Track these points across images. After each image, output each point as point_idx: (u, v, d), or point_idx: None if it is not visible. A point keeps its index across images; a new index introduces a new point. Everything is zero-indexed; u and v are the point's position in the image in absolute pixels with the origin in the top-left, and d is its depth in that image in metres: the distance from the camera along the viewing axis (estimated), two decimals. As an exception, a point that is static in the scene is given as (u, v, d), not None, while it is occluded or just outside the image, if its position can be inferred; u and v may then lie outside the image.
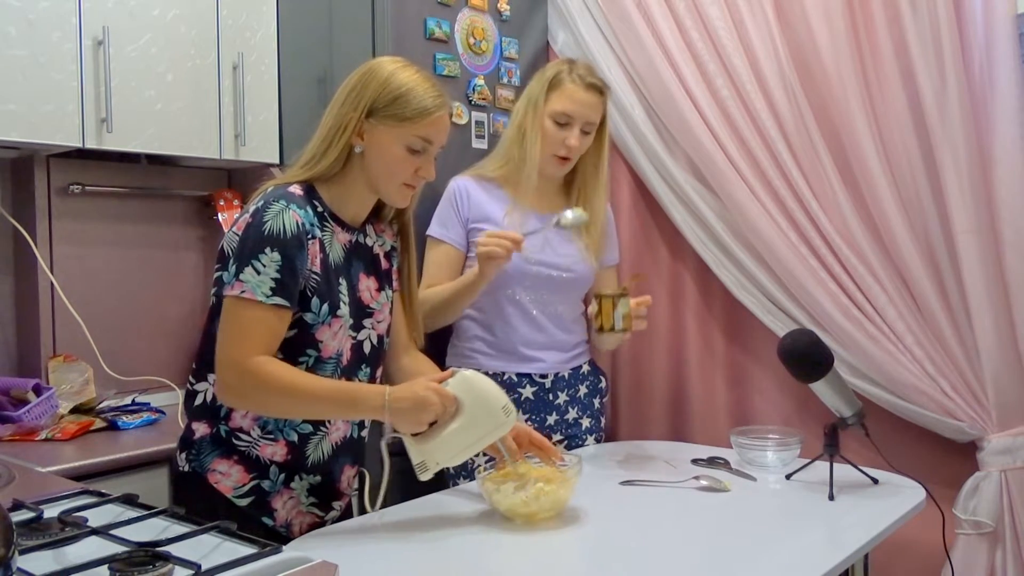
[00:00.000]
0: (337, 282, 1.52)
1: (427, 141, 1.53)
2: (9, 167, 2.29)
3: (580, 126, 2.01)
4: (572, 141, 2.00)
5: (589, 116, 2.01)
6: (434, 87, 1.54)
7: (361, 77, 1.54)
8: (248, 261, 1.42)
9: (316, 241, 1.48)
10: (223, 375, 1.43)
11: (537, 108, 2.01)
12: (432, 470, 1.51)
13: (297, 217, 1.44)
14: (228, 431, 1.52)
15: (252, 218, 1.45)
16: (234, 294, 1.42)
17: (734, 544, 1.46)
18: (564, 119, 1.99)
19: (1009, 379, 2.08)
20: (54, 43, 2.02)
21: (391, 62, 1.56)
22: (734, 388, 2.50)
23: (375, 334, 1.61)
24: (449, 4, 2.42)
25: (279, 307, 1.42)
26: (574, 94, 1.99)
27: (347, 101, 1.53)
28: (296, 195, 1.49)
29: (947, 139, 2.06)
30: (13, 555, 0.88)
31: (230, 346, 1.42)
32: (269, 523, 1.54)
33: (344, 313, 1.52)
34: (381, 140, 1.52)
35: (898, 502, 1.67)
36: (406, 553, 1.41)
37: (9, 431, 2.00)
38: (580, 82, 2.00)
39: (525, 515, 1.51)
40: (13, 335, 2.28)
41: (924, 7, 2.08)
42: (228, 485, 1.52)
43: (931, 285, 2.14)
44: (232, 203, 2.54)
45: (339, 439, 1.60)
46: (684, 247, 2.53)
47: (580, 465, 1.59)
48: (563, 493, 1.54)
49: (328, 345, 1.51)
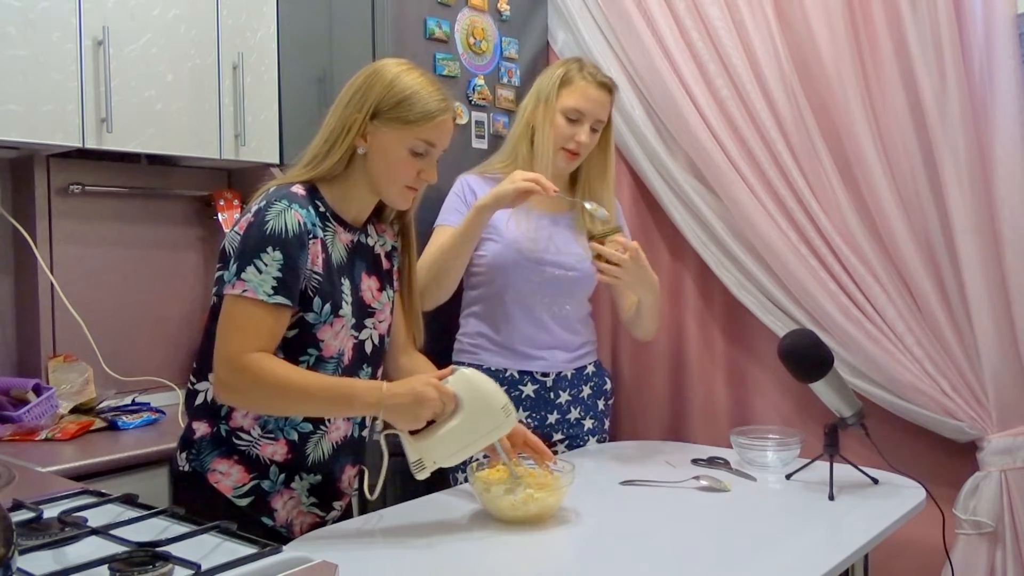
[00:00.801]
0: (340, 282, 1.52)
1: (430, 144, 1.54)
2: (9, 167, 2.29)
3: (591, 123, 2.03)
4: (583, 137, 2.02)
5: (599, 113, 2.04)
6: (438, 90, 1.55)
7: (366, 79, 1.54)
8: (250, 260, 1.42)
9: (318, 241, 1.48)
10: (219, 371, 1.43)
11: (549, 104, 2.03)
12: (429, 469, 1.50)
13: (299, 217, 1.45)
14: (229, 430, 1.52)
15: (254, 217, 1.45)
16: (235, 293, 1.42)
17: (734, 544, 1.46)
18: (576, 115, 2.02)
19: (1009, 379, 2.08)
20: (54, 43, 2.02)
21: (396, 64, 1.56)
22: (734, 388, 2.50)
23: (376, 334, 1.61)
24: (449, 4, 2.42)
25: (280, 306, 1.42)
26: (586, 91, 2.02)
27: (351, 102, 1.53)
28: (298, 195, 1.49)
29: (947, 139, 2.06)
30: (13, 555, 0.88)
31: (227, 342, 1.42)
32: (269, 523, 1.54)
33: (347, 313, 1.52)
34: (384, 142, 1.52)
35: (898, 502, 1.67)
36: (406, 553, 1.41)
37: (9, 431, 2.00)
38: (592, 80, 2.04)
39: (511, 519, 1.51)
40: (13, 335, 2.28)
41: (924, 7, 2.08)
42: (228, 485, 1.52)
43: (931, 285, 2.14)
44: (232, 203, 2.54)
45: (339, 438, 1.60)
46: (684, 247, 2.53)
47: (573, 473, 1.58)
48: (552, 501, 1.53)
49: (329, 344, 1.51)
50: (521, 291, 2.05)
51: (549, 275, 2.05)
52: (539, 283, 2.06)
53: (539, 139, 2.02)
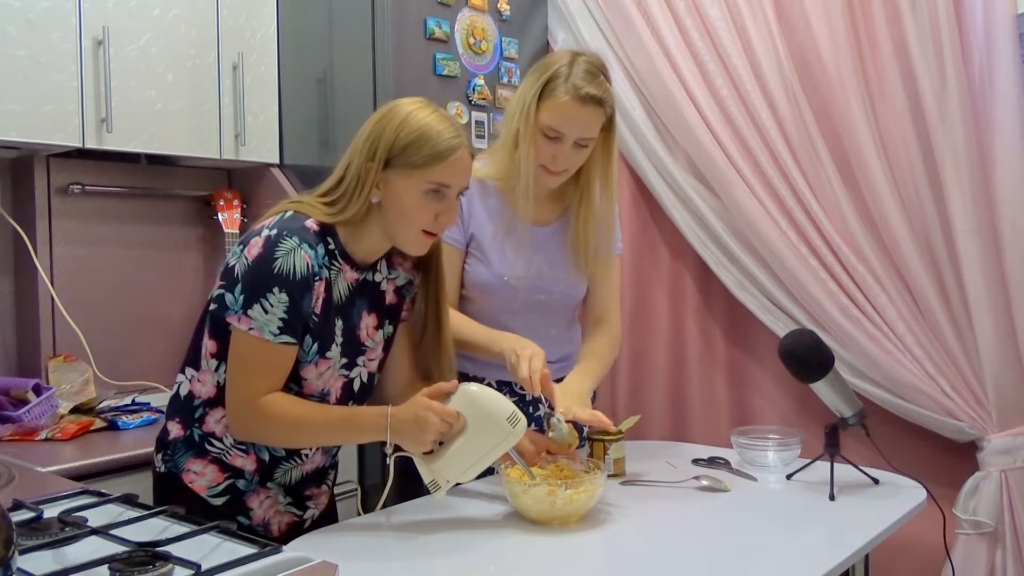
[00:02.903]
0: (334, 322, 1.51)
1: (444, 186, 1.47)
2: (9, 167, 2.29)
3: (572, 141, 1.77)
4: (562, 157, 1.77)
5: (583, 131, 1.76)
6: (448, 128, 1.47)
7: (377, 123, 1.49)
8: (257, 299, 1.41)
9: (322, 282, 1.46)
10: (233, 412, 1.46)
11: (529, 118, 1.77)
12: (444, 488, 1.50)
13: (308, 259, 1.42)
14: (201, 435, 1.52)
15: (263, 250, 1.42)
16: (242, 328, 1.42)
17: (734, 544, 1.46)
18: (554, 134, 1.75)
19: (1009, 379, 2.08)
20: (54, 43, 2.02)
21: (408, 104, 1.49)
22: (734, 388, 2.50)
23: (366, 372, 1.60)
24: (449, 4, 2.42)
25: (286, 344, 1.43)
26: (565, 108, 1.73)
27: (364, 151, 1.48)
28: (311, 232, 1.46)
29: (947, 139, 2.06)
30: (13, 555, 0.88)
31: (240, 385, 1.44)
32: (245, 522, 1.54)
33: (334, 355, 1.51)
34: (397, 190, 1.46)
35: (898, 502, 1.67)
36: (406, 553, 1.41)
37: (9, 431, 1.99)
38: (573, 93, 1.73)
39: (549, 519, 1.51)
40: (13, 335, 2.28)
41: (924, 7, 2.08)
42: (203, 484, 1.52)
43: (931, 285, 2.14)
44: (232, 203, 2.54)
45: (311, 470, 1.61)
46: (684, 247, 2.53)
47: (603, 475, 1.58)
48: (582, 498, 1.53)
49: (311, 383, 1.50)
50: (508, 320, 1.91)
51: (534, 302, 1.93)
52: (523, 309, 1.93)
53: (521, 154, 1.80)
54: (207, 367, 1.51)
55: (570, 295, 1.96)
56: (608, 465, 1.80)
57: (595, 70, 1.80)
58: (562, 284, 1.93)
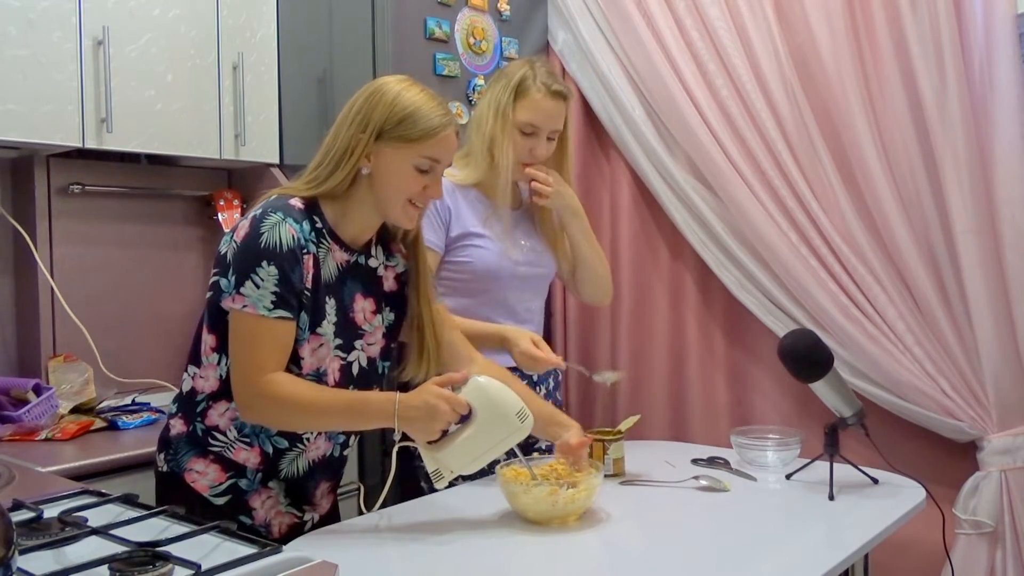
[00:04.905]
0: (324, 300, 1.51)
1: (434, 160, 1.52)
2: (9, 167, 2.29)
3: (546, 134, 1.99)
4: (540, 150, 1.98)
5: (554, 124, 1.99)
6: (440, 105, 1.53)
7: (367, 98, 1.52)
8: (247, 275, 1.42)
9: (310, 256, 1.47)
10: (239, 394, 1.46)
11: (506, 118, 1.96)
12: (447, 478, 1.50)
13: (292, 231, 1.44)
14: (204, 429, 1.52)
15: (249, 228, 1.45)
16: (236, 307, 1.43)
17: (734, 544, 1.46)
18: (531, 129, 1.97)
19: (1009, 379, 2.08)
20: (54, 43, 2.02)
21: (397, 81, 1.54)
22: (734, 388, 2.51)
23: (365, 356, 1.60)
24: (449, 4, 2.42)
25: (282, 319, 1.43)
26: (540, 104, 1.95)
27: (354, 123, 1.51)
28: (295, 208, 1.48)
29: (947, 139, 2.06)
30: (13, 555, 0.88)
31: (243, 366, 1.44)
32: (248, 522, 1.54)
33: (326, 332, 1.51)
34: (389, 161, 1.50)
35: (898, 502, 1.67)
36: (406, 553, 1.41)
37: (9, 431, 1.99)
38: (545, 90, 1.96)
39: (548, 519, 1.51)
40: (13, 335, 2.28)
41: (924, 7, 2.08)
42: (205, 484, 1.52)
43: (931, 285, 2.14)
44: (232, 203, 2.54)
45: (318, 457, 1.60)
46: (684, 247, 2.53)
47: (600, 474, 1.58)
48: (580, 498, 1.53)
49: (307, 362, 1.50)
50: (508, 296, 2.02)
51: (522, 275, 2.04)
52: (521, 284, 2.03)
53: (499, 154, 1.97)
54: (208, 362, 1.51)
55: (552, 269, 2.13)
56: (608, 465, 1.81)
57: (554, 71, 2.05)
58: (547, 256, 2.10)
